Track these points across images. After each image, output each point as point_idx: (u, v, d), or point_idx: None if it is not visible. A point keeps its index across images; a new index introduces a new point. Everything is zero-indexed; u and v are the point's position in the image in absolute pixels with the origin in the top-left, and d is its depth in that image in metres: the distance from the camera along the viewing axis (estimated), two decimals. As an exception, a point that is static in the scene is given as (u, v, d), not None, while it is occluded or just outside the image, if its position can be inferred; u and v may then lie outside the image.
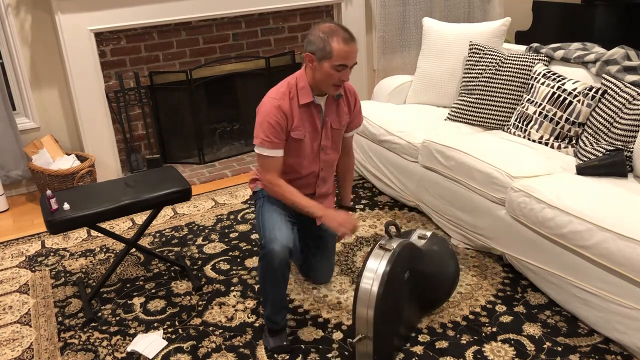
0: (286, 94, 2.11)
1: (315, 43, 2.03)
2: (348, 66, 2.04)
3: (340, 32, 2.01)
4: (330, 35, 2.00)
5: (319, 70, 2.06)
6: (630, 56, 2.77)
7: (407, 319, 2.16)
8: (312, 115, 2.17)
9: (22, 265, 2.93)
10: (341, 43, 1.99)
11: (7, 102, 3.55)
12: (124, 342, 2.30)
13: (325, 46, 2.00)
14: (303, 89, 2.12)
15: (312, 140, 2.20)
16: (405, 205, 3.30)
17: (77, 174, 3.53)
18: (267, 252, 2.04)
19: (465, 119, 3.26)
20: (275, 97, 2.10)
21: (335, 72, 2.04)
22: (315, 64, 2.05)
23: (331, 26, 2.03)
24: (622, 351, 2.09)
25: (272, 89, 2.18)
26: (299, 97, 2.12)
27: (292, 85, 2.14)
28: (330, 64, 2.02)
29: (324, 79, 2.07)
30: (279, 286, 2.11)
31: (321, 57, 2.03)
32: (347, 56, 2.01)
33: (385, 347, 2.01)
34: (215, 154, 4.28)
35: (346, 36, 2.01)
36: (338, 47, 1.99)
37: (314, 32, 2.05)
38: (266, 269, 2.07)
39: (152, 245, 3.04)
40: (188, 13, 3.83)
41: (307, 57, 2.07)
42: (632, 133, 2.48)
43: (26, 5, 3.55)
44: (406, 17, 4.81)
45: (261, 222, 2.17)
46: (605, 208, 2.13)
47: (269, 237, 2.06)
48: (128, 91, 3.87)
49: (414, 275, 2.11)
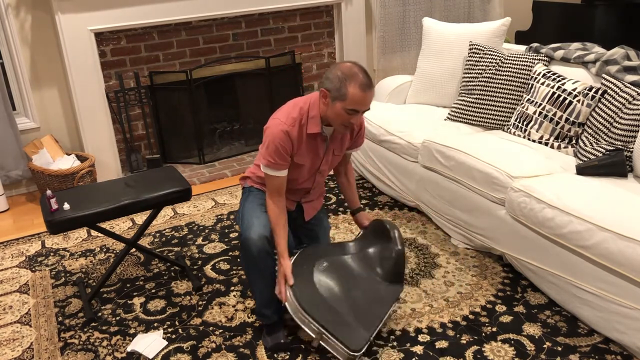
0: (297, 121, 2.09)
1: (333, 82, 2.01)
2: (360, 111, 2.04)
3: (359, 77, 1.97)
4: (349, 79, 1.98)
5: (331, 108, 2.04)
6: (630, 56, 2.77)
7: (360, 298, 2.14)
8: (317, 143, 2.18)
9: (22, 265, 2.93)
10: (357, 89, 1.97)
11: (7, 102, 3.55)
12: (124, 342, 2.30)
13: (341, 88, 1.98)
14: (313, 118, 2.10)
15: (312, 165, 2.23)
16: (405, 205, 3.30)
17: (77, 174, 3.53)
18: (244, 239, 2.07)
19: (465, 119, 3.26)
20: (285, 122, 2.07)
21: (346, 115, 2.02)
22: (329, 101, 2.04)
23: (352, 68, 1.99)
24: (622, 351, 2.09)
25: (283, 109, 2.14)
26: (307, 125, 2.11)
27: (304, 112, 2.11)
28: (343, 106, 2.00)
29: (334, 118, 2.06)
30: (263, 277, 2.13)
31: (335, 97, 2.01)
32: (362, 102, 2.00)
33: (348, 330, 2.01)
34: (215, 154, 4.28)
35: (364, 83, 1.98)
36: (353, 92, 1.97)
37: (334, 69, 2.02)
38: (246, 258, 2.10)
39: (152, 245, 3.04)
40: (188, 13, 3.83)
41: (322, 92, 2.05)
42: (632, 133, 2.48)
43: (26, 5, 3.55)
44: (406, 17, 4.81)
45: (242, 212, 2.21)
46: (605, 208, 2.13)
47: (246, 225, 2.10)
48: (128, 91, 3.87)
49: (334, 262, 2.21)
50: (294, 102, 2.15)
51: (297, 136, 2.09)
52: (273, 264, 2.13)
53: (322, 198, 2.47)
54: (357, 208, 2.48)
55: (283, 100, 4.41)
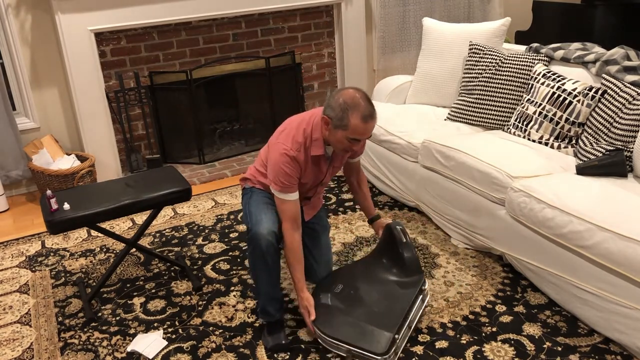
0: (302, 145, 2.11)
1: (335, 110, 2.01)
2: (361, 140, 2.05)
3: (362, 108, 1.98)
4: (352, 109, 1.98)
5: (332, 135, 2.06)
6: (630, 56, 2.77)
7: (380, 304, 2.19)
8: (320, 163, 2.21)
9: (22, 265, 2.93)
10: (359, 120, 1.97)
11: (7, 102, 3.55)
12: (124, 342, 2.30)
13: (344, 117, 1.99)
14: (316, 141, 2.12)
15: (315, 181, 2.26)
16: (405, 205, 3.30)
17: (77, 174, 3.53)
18: (253, 234, 2.09)
19: (465, 119, 3.26)
20: (292, 149, 2.08)
21: (347, 142, 2.04)
22: (330, 128, 2.05)
23: (355, 97, 1.99)
24: (622, 351, 2.09)
25: (288, 133, 2.12)
26: (311, 148, 2.13)
27: (308, 135, 2.12)
28: (345, 135, 2.02)
29: (335, 143, 2.08)
30: (269, 273, 2.14)
31: (337, 126, 2.02)
32: (363, 133, 2.01)
33: (371, 338, 2.06)
34: (215, 154, 4.28)
35: (366, 113, 1.98)
36: (355, 124, 1.98)
37: (337, 97, 2.02)
38: (254, 254, 2.11)
39: (152, 245, 3.04)
40: (188, 13, 3.83)
41: (324, 119, 2.05)
42: (632, 133, 2.48)
43: (26, 5, 3.55)
44: (406, 17, 4.81)
45: (248, 210, 2.23)
46: (605, 208, 2.13)
47: (255, 220, 2.12)
48: (128, 91, 3.87)
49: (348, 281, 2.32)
50: (297, 124, 2.14)
51: (303, 160, 2.13)
52: (279, 260, 2.16)
53: (321, 197, 2.48)
54: (373, 216, 2.52)
55: (283, 101, 4.45)
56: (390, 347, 2.02)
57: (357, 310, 2.16)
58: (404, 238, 2.34)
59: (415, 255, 2.33)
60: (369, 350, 2.02)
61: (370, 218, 2.53)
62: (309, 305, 2.15)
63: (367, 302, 2.20)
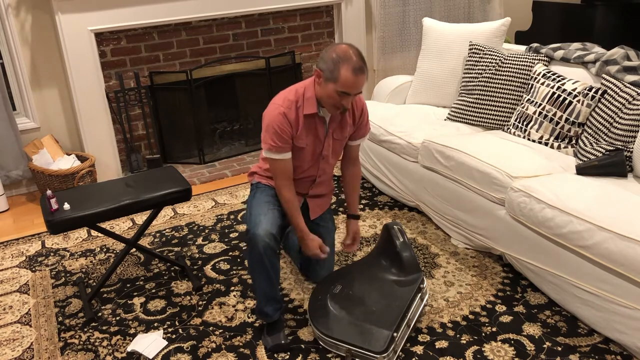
0: (293, 103, 2.12)
1: (326, 62, 2.04)
2: (351, 94, 2.05)
3: (352, 61, 1.99)
4: (342, 61, 2.00)
5: (323, 88, 2.07)
6: (630, 56, 2.77)
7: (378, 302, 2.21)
8: (315, 126, 2.19)
9: (22, 265, 2.93)
10: (349, 72, 1.99)
11: (7, 102, 3.55)
12: (124, 342, 2.30)
13: (334, 70, 2.01)
14: (309, 99, 2.13)
15: (314, 149, 2.24)
16: (405, 205, 3.30)
17: (77, 174, 3.53)
18: (251, 236, 2.09)
19: (465, 119, 3.26)
20: (282, 105, 2.11)
21: (337, 96, 2.05)
22: (322, 81, 2.07)
23: (347, 51, 2.01)
24: (622, 351, 2.09)
25: (280, 94, 2.17)
26: (303, 106, 2.14)
27: (300, 94, 2.14)
28: (334, 88, 2.03)
29: (325, 98, 2.09)
30: (268, 274, 2.13)
31: (327, 78, 2.04)
32: (352, 86, 2.02)
33: (370, 336, 2.06)
34: (215, 154, 4.28)
35: (357, 66, 2.00)
36: (345, 75, 1.99)
37: (329, 50, 2.05)
38: (252, 254, 2.11)
39: (152, 245, 3.04)
40: (188, 13, 3.83)
41: (316, 72, 2.09)
42: (632, 133, 2.49)
43: (26, 5, 3.55)
44: (406, 17, 4.81)
45: (249, 210, 2.23)
46: (605, 208, 2.13)
47: (254, 222, 2.12)
48: (128, 91, 3.87)
49: (347, 281, 2.33)
50: (293, 87, 2.19)
51: (294, 118, 2.13)
52: (277, 261, 2.15)
53: (330, 196, 2.47)
54: (353, 214, 2.45)
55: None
56: (389, 346, 2.03)
57: (356, 310, 2.16)
58: (401, 237, 2.35)
59: (413, 255, 2.34)
60: (368, 349, 2.02)
61: (349, 214, 2.46)
62: (320, 244, 2.25)
63: (366, 301, 2.20)
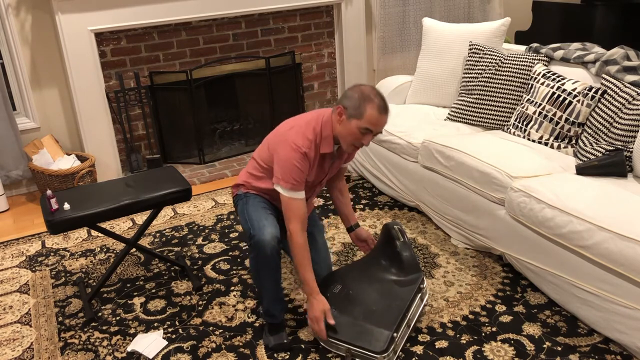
0: (312, 142, 2.12)
1: (352, 100, 2.07)
2: (373, 132, 2.09)
3: (378, 100, 2.06)
4: (369, 100, 2.05)
5: (345, 125, 2.09)
6: (630, 56, 2.77)
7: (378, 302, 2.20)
8: (325, 160, 2.23)
9: (22, 265, 2.93)
10: (375, 110, 2.04)
11: (7, 102, 3.55)
12: (124, 342, 2.30)
13: (360, 106, 2.05)
14: (327, 138, 2.15)
15: (315, 178, 2.26)
16: (405, 205, 3.30)
17: (77, 174, 3.53)
18: (257, 241, 2.07)
19: (465, 119, 3.26)
20: (303, 146, 2.09)
21: (359, 134, 2.08)
22: (344, 118, 2.09)
23: (372, 91, 2.07)
24: (622, 351, 2.09)
25: (297, 131, 2.12)
26: (321, 145, 2.15)
27: (318, 133, 2.14)
28: (358, 124, 2.06)
29: (346, 136, 2.11)
30: (273, 276, 2.14)
31: (352, 115, 2.06)
32: (376, 123, 2.06)
33: (370, 336, 2.06)
34: (215, 154, 4.28)
35: (382, 105, 2.06)
36: (371, 113, 2.04)
37: (355, 89, 2.09)
38: (259, 259, 2.10)
39: (152, 245, 3.04)
40: (188, 13, 3.83)
41: (339, 109, 2.10)
42: (632, 133, 2.49)
43: (26, 5, 3.55)
44: (406, 17, 4.81)
45: (247, 215, 2.21)
46: (605, 208, 2.13)
47: (258, 226, 2.11)
48: (128, 91, 3.87)
49: (347, 282, 2.31)
50: (306, 122, 2.16)
51: (313, 157, 2.14)
52: (281, 261, 2.15)
53: (313, 198, 2.48)
54: (352, 225, 2.51)
55: (283, 101, 4.45)
56: (389, 346, 2.03)
57: (356, 310, 2.16)
58: (401, 237, 2.35)
59: (413, 254, 2.34)
60: (368, 349, 2.02)
61: (349, 226, 2.52)
62: (326, 310, 2.09)
63: (366, 301, 2.20)
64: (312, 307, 2.11)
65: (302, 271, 2.12)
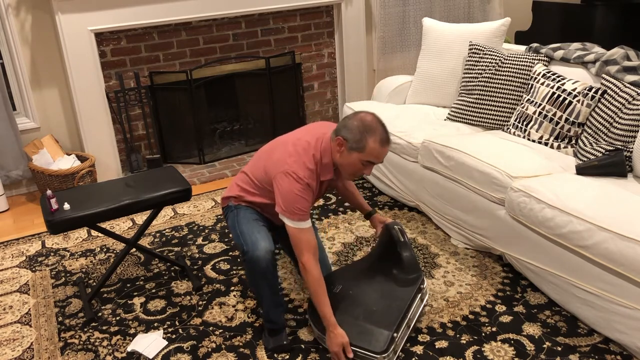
0: (314, 172, 2.08)
1: (352, 132, 2.01)
2: (375, 164, 2.06)
3: (379, 132, 2.01)
4: (370, 132, 2.00)
5: (345, 157, 2.05)
6: (630, 56, 2.77)
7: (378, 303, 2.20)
8: (323, 184, 2.21)
9: (22, 265, 2.93)
10: (377, 143, 2.00)
11: (7, 102, 3.55)
12: (124, 342, 2.30)
13: (362, 139, 2.00)
14: (326, 166, 2.11)
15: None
16: (405, 205, 3.30)
17: (77, 174, 3.53)
18: (252, 257, 2.06)
19: (465, 119, 3.26)
20: (305, 176, 2.04)
21: (360, 165, 2.05)
22: (344, 150, 2.04)
23: (373, 121, 2.02)
24: (622, 351, 2.09)
25: (297, 160, 2.06)
26: (321, 173, 2.12)
27: (318, 160, 2.09)
28: (360, 157, 2.02)
29: (346, 167, 2.07)
30: (271, 287, 2.13)
31: (352, 148, 2.02)
32: (378, 156, 2.03)
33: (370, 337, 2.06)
34: (215, 154, 4.28)
35: (384, 138, 2.01)
36: (373, 147, 2.00)
37: (354, 120, 2.03)
38: (254, 274, 2.10)
39: (152, 245, 3.04)
40: (188, 13, 3.83)
41: (338, 140, 2.04)
42: (632, 133, 2.49)
43: (26, 5, 3.55)
44: (406, 17, 4.81)
45: (239, 230, 2.17)
46: (605, 208, 2.13)
47: (251, 241, 2.09)
48: (128, 91, 3.87)
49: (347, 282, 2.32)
50: (304, 148, 2.09)
51: (315, 185, 2.11)
52: (276, 270, 2.14)
53: None
54: (369, 212, 2.50)
55: (283, 100, 4.45)
56: (389, 346, 2.03)
57: (356, 310, 2.16)
58: (402, 237, 2.35)
59: (413, 255, 2.34)
60: (368, 349, 2.02)
61: (366, 213, 2.50)
62: (344, 343, 2.02)
63: (366, 301, 2.20)
64: (331, 342, 2.05)
65: (319, 306, 2.05)
